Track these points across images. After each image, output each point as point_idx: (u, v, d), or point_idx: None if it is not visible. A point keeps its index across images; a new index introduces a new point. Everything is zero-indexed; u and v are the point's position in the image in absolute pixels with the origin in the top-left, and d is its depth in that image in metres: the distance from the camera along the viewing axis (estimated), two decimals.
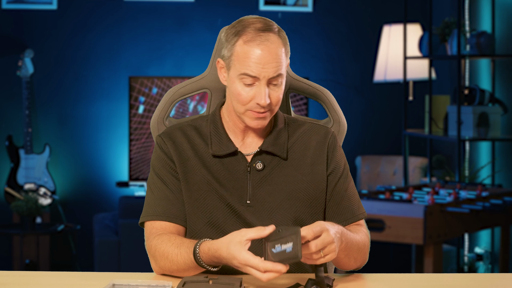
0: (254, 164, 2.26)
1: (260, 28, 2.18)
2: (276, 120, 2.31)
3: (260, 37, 2.17)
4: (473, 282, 2.19)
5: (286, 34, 2.23)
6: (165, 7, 6.77)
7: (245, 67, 2.17)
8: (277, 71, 2.18)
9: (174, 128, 2.32)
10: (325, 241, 2.01)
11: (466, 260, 5.35)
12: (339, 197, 2.29)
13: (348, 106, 6.82)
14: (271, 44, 2.17)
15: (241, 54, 2.17)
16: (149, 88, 6.55)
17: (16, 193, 6.25)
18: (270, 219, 2.23)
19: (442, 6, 6.40)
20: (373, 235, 4.24)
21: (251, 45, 2.17)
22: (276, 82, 2.20)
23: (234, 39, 2.19)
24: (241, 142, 2.29)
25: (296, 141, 2.31)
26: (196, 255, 2.07)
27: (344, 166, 2.32)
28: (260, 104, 2.18)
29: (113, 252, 5.41)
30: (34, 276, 2.26)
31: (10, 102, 6.64)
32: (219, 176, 2.25)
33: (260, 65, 2.16)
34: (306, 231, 1.99)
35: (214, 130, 2.29)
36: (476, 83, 5.85)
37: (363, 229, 2.27)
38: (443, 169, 5.88)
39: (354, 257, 2.19)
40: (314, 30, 6.85)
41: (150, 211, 2.25)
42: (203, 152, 2.28)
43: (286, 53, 2.21)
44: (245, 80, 2.18)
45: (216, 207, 2.24)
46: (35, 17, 6.65)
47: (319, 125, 2.36)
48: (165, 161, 2.28)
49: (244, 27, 2.19)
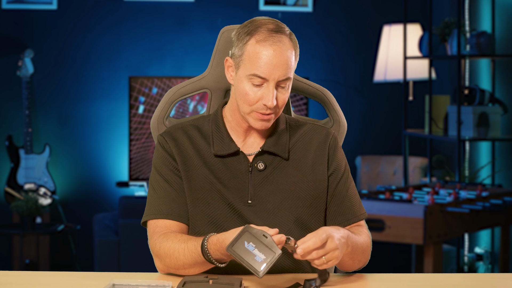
0: (256, 164, 2.26)
1: (273, 29, 2.19)
2: (278, 121, 2.32)
3: (272, 37, 2.17)
4: (473, 282, 2.19)
5: (296, 39, 2.24)
6: (165, 7, 6.77)
7: (255, 67, 2.17)
8: (286, 74, 2.18)
9: (176, 127, 2.32)
10: (327, 248, 2.02)
11: (466, 260, 5.35)
12: (340, 197, 2.29)
13: (348, 106, 6.82)
14: (283, 45, 2.18)
15: (252, 53, 2.17)
16: (149, 88, 6.56)
17: (16, 193, 6.25)
18: (271, 219, 2.23)
19: (442, 6, 6.40)
20: (373, 235, 4.23)
21: (263, 45, 2.17)
22: (284, 85, 2.20)
23: (246, 38, 2.19)
24: (243, 142, 2.29)
25: (297, 141, 2.31)
26: (204, 249, 2.07)
27: (345, 167, 2.33)
28: (267, 105, 2.18)
29: (113, 252, 5.41)
30: (34, 276, 2.26)
31: (10, 102, 6.65)
32: (220, 175, 2.25)
33: (271, 66, 2.16)
34: (314, 240, 2.00)
35: (216, 130, 2.29)
36: (476, 83, 5.85)
37: (365, 230, 2.28)
38: (443, 169, 5.88)
39: (358, 260, 2.20)
40: (314, 30, 6.85)
41: (154, 209, 2.25)
42: (205, 151, 2.28)
43: (295, 57, 2.22)
44: (254, 81, 2.18)
45: (217, 206, 2.24)
46: (35, 17, 6.65)
47: (320, 126, 2.36)
48: (167, 159, 2.28)
49: (257, 27, 2.19)
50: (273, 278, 2.13)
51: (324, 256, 2.02)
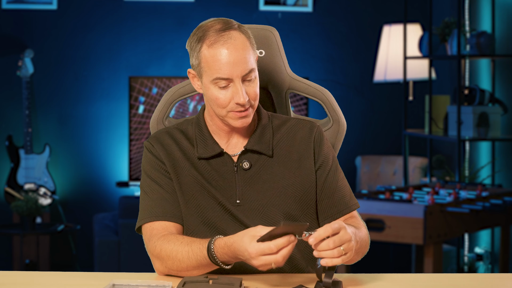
0: (241, 163, 2.27)
1: (220, 29, 2.18)
2: (260, 119, 2.32)
3: (222, 37, 2.17)
4: (473, 282, 2.19)
5: (246, 29, 2.22)
6: (165, 7, 6.77)
7: (216, 71, 2.17)
8: (247, 67, 2.18)
9: (161, 132, 2.33)
10: (343, 239, 2.00)
11: (466, 260, 5.35)
12: (330, 190, 2.29)
13: (348, 106, 6.82)
14: (235, 41, 2.18)
15: (209, 58, 2.18)
16: (149, 88, 6.56)
17: (16, 193, 6.25)
18: (261, 217, 2.23)
19: (442, 6, 6.40)
20: (373, 235, 4.24)
21: (216, 47, 2.17)
22: (250, 78, 2.20)
23: (198, 46, 2.20)
24: (226, 143, 2.29)
25: (281, 138, 2.31)
26: (211, 251, 2.07)
27: (333, 159, 2.32)
28: (239, 103, 2.18)
29: (113, 252, 5.41)
30: (34, 276, 2.26)
31: (10, 102, 6.65)
32: (208, 176, 2.26)
33: (230, 65, 2.16)
34: (325, 229, 1.98)
35: (199, 133, 2.30)
36: (476, 83, 5.85)
37: (361, 221, 2.27)
38: (443, 169, 5.88)
39: (362, 253, 2.21)
40: (314, 30, 6.85)
41: (148, 213, 2.25)
42: (191, 154, 2.29)
43: (252, 46, 2.22)
44: (219, 84, 2.19)
45: (209, 206, 2.24)
46: (35, 17, 6.65)
47: (304, 120, 2.36)
48: (156, 163, 2.28)
49: (204, 31, 2.19)
50: (273, 278, 2.13)
51: (342, 246, 1.99)
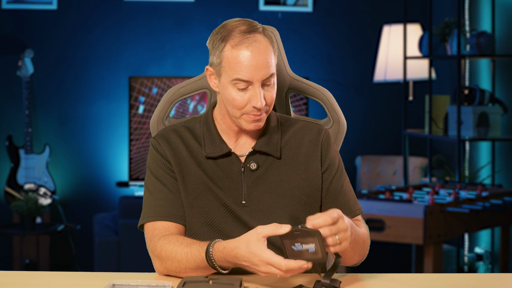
0: (248, 164, 2.26)
1: (245, 30, 2.17)
2: (269, 120, 2.31)
3: (247, 39, 2.16)
4: (473, 282, 2.19)
5: (270, 33, 2.22)
6: (165, 7, 6.77)
7: (237, 72, 2.16)
8: (269, 72, 2.18)
9: (168, 129, 2.32)
10: (340, 227, 2.00)
11: (466, 260, 5.35)
12: (335, 193, 2.29)
13: (348, 106, 6.82)
14: (259, 44, 2.17)
15: (231, 59, 2.17)
16: (149, 88, 6.55)
17: (16, 193, 6.25)
18: (266, 218, 2.22)
19: (442, 6, 6.40)
20: (373, 235, 4.24)
21: (239, 49, 2.16)
22: (269, 83, 2.20)
23: (222, 45, 2.18)
24: (235, 143, 2.29)
25: (289, 139, 2.31)
26: (209, 254, 2.06)
27: (339, 162, 2.32)
28: (256, 107, 2.18)
29: (113, 252, 5.40)
30: (34, 276, 2.25)
31: (10, 102, 6.64)
32: (214, 176, 2.25)
33: (252, 68, 2.15)
34: (324, 218, 1.97)
35: (207, 132, 2.29)
36: (476, 83, 5.85)
37: (363, 224, 2.28)
38: (443, 169, 5.88)
39: (358, 251, 2.20)
40: (314, 30, 6.85)
41: (151, 212, 2.24)
42: (198, 153, 2.28)
43: (274, 51, 2.21)
44: (238, 85, 2.18)
45: (212, 207, 2.23)
46: (35, 17, 6.65)
47: (312, 123, 2.35)
48: (161, 161, 2.27)
49: (229, 31, 2.18)
50: (273, 279, 2.13)
51: (337, 235, 1.99)
